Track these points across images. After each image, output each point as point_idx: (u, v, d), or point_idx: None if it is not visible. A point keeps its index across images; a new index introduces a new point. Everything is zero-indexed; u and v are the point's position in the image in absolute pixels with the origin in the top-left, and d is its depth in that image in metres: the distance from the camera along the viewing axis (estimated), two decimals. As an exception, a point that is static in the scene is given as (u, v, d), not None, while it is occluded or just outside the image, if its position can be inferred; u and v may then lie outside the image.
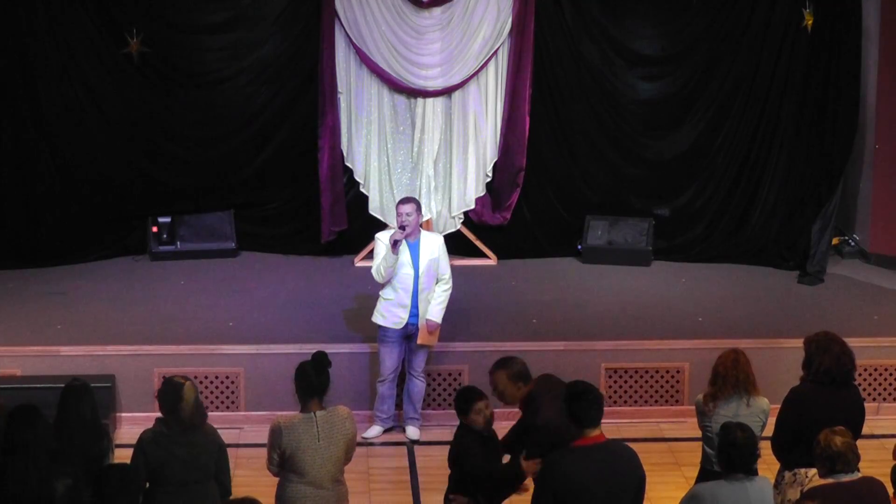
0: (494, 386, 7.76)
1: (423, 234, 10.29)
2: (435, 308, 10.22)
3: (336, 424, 7.54)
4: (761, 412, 8.01)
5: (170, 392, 7.43)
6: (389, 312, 10.23)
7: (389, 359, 10.33)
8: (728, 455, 7.01)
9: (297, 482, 7.51)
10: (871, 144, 13.02)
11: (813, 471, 7.72)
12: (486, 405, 7.67)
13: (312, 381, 7.52)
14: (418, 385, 10.45)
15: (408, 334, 10.29)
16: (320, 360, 7.59)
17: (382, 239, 10.20)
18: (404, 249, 10.11)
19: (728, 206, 13.23)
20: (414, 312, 10.19)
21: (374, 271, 10.23)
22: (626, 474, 6.83)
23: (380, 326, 10.30)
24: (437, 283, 10.24)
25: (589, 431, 6.81)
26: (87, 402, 7.66)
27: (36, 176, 12.74)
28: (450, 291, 10.31)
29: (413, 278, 10.14)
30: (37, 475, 6.78)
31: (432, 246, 10.22)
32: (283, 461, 7.51)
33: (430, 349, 10.45)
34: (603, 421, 6.91)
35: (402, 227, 10.04)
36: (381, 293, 10.31)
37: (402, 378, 10.52)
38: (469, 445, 7.66)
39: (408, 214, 10.05)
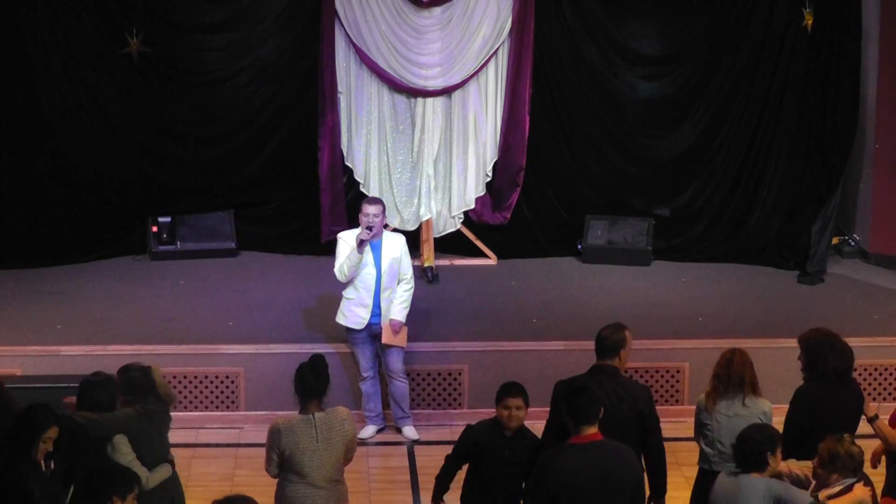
0: None
1: (386, 234, 10.29)
2: (397, 308, 10.21)
3: (335, 426, 7.55)
4: (761, 413, 7.96)
5: (140, 378, 7.62)
6: (351, 312, 10.24)
7: (363, 357, 10.33)
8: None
9: (297, 482, 7.52)
10: (871, 144, 13.02)
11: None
12: (515, 405, 7.52)
13: (310, 383, 7.55)
14: (398, 387, 10.40)
15: (373, 333, 10.27)
16: (317, 362, 7.62)
17: (346, 239, 10.20)
18: (368, 249, 10.13)
19: (728, 206, 13.23)
20: (376, 312, 10.19)
21: (336, 271, 10.22)
22: (622, 473, 6.83)
23: (345, 327, 10.32)
24: (399, 283, 10.24)
25: (585, 429, 6.82)
26: (109, 392, 7.69)
27: (36, 176, 12.74)
28: (412, 291, 10.31)
29: (375, 278, 10.15)
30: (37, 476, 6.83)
31: (394, 246, 10.22)
32: (282, 462, 7.53)
33: (402, 348, 10.32)
34: (603, 420, 6.93)
35: (368, 228, 10.05)
36: (343, 293, 10.32)
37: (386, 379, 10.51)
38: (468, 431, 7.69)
39: (375, 215, 10.04)
